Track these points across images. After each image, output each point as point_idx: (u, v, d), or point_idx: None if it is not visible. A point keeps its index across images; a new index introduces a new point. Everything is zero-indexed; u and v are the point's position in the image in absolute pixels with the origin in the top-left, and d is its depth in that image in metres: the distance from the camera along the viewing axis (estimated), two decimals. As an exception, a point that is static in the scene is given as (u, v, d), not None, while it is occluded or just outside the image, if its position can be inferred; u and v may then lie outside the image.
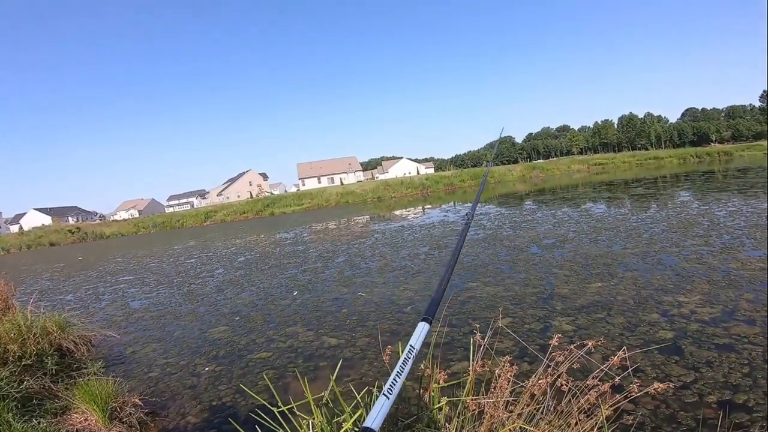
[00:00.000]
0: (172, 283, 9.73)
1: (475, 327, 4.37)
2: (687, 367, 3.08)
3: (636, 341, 3.54)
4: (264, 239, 17.33)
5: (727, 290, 4.51)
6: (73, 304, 8.46)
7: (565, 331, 3.90)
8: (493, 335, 3.94)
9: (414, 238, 11.38)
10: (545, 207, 15.50)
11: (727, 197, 12.00)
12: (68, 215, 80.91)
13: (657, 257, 6.17)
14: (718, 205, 10.67)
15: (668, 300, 4.40)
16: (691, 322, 3.81)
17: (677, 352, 3.32)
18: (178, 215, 46.57)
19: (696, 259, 5.86)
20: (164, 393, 3.87)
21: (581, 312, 4.36)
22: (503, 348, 3.66)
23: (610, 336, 3.70)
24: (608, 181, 27.31)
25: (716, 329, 3.63)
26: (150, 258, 16.17)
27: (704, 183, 18.46)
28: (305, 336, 4.85)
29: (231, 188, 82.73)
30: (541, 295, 5.08)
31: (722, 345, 3.36)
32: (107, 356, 5.11)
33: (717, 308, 4.06)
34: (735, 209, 9.67)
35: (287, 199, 44.44)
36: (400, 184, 43.20)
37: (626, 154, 64.46)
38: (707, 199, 12.16)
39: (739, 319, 3.78)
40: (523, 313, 4.53)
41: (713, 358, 3.17)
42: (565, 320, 4.18)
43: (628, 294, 4.72)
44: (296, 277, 8.25)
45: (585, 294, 4.91)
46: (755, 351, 3.20)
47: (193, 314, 6.60)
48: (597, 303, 4.57)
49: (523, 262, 6.85)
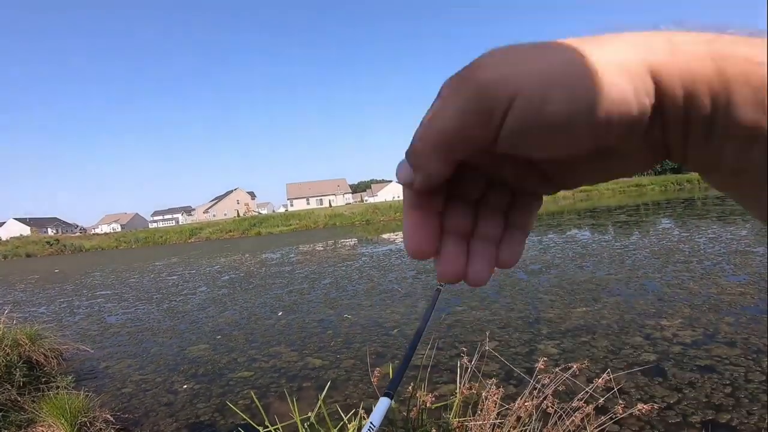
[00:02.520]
0: (151, 299, 9.50)
1: (461, 350, 4.35)
2: (670, 389, 3.12)
3: (620, 364, 3.57)
4: (250, 258, 17.11)
5: (708, 314, 4.59)
6: (46, 317, 8.24)
7: (550, 355, 3.90)
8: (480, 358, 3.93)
9: (401, 261, 11.37)
10: (531, 233, 15.65)
11: (707, 224, 12.33)
12: (48, 226, 79.04)
13: (640, 282, 6.27)
14: (698, 232, 10.95)
15: (651, 324, 4.45)
16: (673, 345, 3.86)
17: (660, 373, 3.37)
18: (162, 231, 45.82)
19: (677, 284, 5.97)
20: (138, 409, 3.75)
21: (566, 336, 4.38)
22: (489, 371, 3.64)
23: (594, 359, 3.72)
24: (592, 207, 27.86)
25: (698, 351, 3.69)
26: (130, 273, 15.79)
27: (684, 210, 18.97)
28: (289, 356, 4.75)
29: (218, 206, 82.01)
30: (527, 319, 5.09)
31: (704, 366, 3.42)
32: (79, 370, 4.97)
33: (698, 331, 4.13)
34: (714, 236, 9.92)
35: (275, 219, 44.19)
36: (389, 207, 43.38)
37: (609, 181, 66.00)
38: (688, 227, 12.47)
39: (720, 341, 3.85)
40: (509, 337, 4.53)
41: (695, 379, 3.22)
42: (551, 344, 4.20)
43: (612, 318, 4.77)
44: (281, 297, 8.13)
45: (570, 318, 4.94)
46: (737, 371, 3.26)
47: (172, 331, 6.45)
48: (582, 327, 4.60)
49: (510, 287, 6.88)
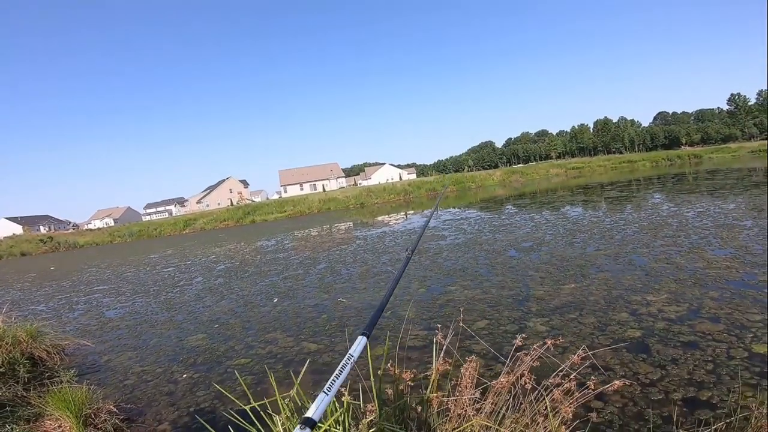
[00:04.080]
0: (148, 292, 9.53)
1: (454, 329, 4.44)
2: (654, 365, 3.19)
3: (606, 340, 3.66)
4: (245, 247, 17.12)
5: (693, 289, 4.70)
6: (45, 314, 8.26)
7: (539, 332, 4.00)
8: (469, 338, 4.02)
9: (395, 243, 11.44)
10: (524, 211, 15.80)
11: (696, 199, 12.47)
12: (40, 224, 78.30)
13: (628, 258, 6.38)
14: (687, 206, 11.08)
15: (637, 299, 4.55)
16: (658, 321, 3.95)
17: (645, 350, 3.44)
18: (156, 223, 45.55)
19: (665, 259, 6.08)
20: (140, 400, 3.84)
21: (555, 313, 4.47)
22: (479, 349, 3.73)
23: (581, 335, 3.81)
24: (585, 184, 28.00)
25: (682, 327, 3.77)
26: (126, 267, 15.78)
27: (675, 185, 19.12)
28: (285, 342, 4.83)
29: (211, 196, 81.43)
30: (517, 297, 5.19)
31: (687, 342, 3.48)
32: (81, 365, 5.04)
33: (683, 306, 4.23)
34: (703, 210, 10.06)
35: (269, 207, 44.01)
36: (383, 190, 43.31)
37: (602, 157, 66.27)
38: (677, 201, 12.60)
39: (704, 317, 3.93)
40: (499, 315, 4.63)
41: (678, 356, 3.28)
42: (540, 321, 4.29)
43: (600, 294, 4.87)
44: (277, 284, 8.19)
45: (559, 295, 5.04)
46: (719, 348, 3.32)
47: (170, 322, 6.51)
48: (570, 304, 4.70)
49: (501, 266, 6.97)
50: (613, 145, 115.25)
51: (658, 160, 50.09)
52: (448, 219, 16.27)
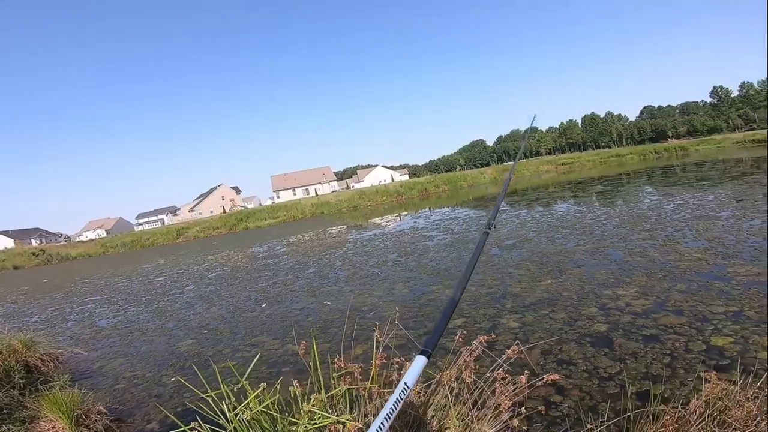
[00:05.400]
0: (140, 301, 9.64)
1: (430, 328, 4.60)
2: (614, 359, 3.30)
3: (573, 335, 3.82)
4: (237, 254, 17.19)
5: (662, 282, 4.88)
6: (39, 325, 8.42)
7: (510, 328, 4.16)
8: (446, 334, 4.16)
9: (384, 246, 11.59)
10: (512, 208, 16.01)
11: (677, 191, 12.75)
12: (31, 237, 77.71)
13: (605, 253, 6.58)
14: (667, 199, 11.33)
15: (607, 294, 4.73)
16: (624, 315, 4.12)
17: (608, 344, 3.57)
18: (148, 233, 45.36)
19: (639, 252, 6.27)
20: (130, 402, 4.03)
21: (528, 309, 4.64)
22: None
23: (550, 331, 3.97)
24: (574, 180, 28.32)
25: (646, 320, 3.92)
26: (118, 278, 15.80)
27: (662, 178, 19.46)
28: (270, 345, 4.98)
29: (203, 204, 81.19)
30: (494, 295, 5.36)
31: (649, 336, 3.60)
32: (74, 371, 5.22)
33: (650, 300, 4.39)
34: (682, 202, 10.31)
35: (262, 213, 43.99)
36: (375, 192, 43.44)
37: (590, 152, 66.94)
38: (659, 194, 12.88)
39: (668, 310, 4.08)
40: (476, 313, 4.79)
41: (638, 350, 3.39)
42: (513, 317, 4.46)
43: (573, 290, 5.05)
44: (266, 289, 8.31)
45: (535, 292, 5.22)
46: (678, 341, 3.43)
47: (161, 330, 6.68)
48: (544, 300, 4.87)
49: (483, 264, 7.14)
50: (601, 140, 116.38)
51: (645, 153, 50.67)
52: (437, 219, 16.46)
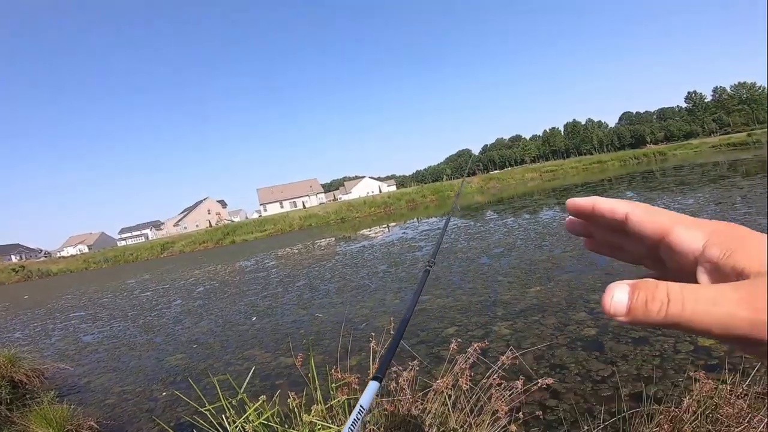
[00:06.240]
0: (126, 316, 9.48)
1: (423, 337, 4.63)
2: (605, 362, 3.38)
3: (564, 340, 3.89)
4: (225, 268, 16.98)
5: (647, 284, 4.99)
6: (22, 341, 8.30)
7: (503, 335, 4.21)
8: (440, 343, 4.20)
9: (374, 257, 11.59)
10: (499, 217, 16.20)
11: (658, 195, 13.09)
12: (11, 254, 75.65)
13: (590, 258, 6.70)
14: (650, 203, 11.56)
15: (595, 298, 4.83)
16: (612, 319, 4.20)
17: (598, 347, 3.66)
18: (132, 248, 44.52)
19: (624, 257, 6.41)
20: (121, 417, 3.97)
21: (519, 316, 4.71)
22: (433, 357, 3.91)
23: (542, 336, 4.04)
24: (559, 186, 28.81)
25: (634, 323, 4.03)
26: (102, 293, 15.46)
27: (643, 183, 19.93)
28: (262, 358, 4.94)
29: (188, 218, 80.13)
30: (485, 303, 5.41)
31: (638, 338, 3.69)
32: (61, 387, 5.13)
33: (636, 302, 4.50)
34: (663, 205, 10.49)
35: (249, 226, 43.59)
36: (363, 203, 43.46)
37: (573, 159, 68.17)
38: (640, 198, 13.13)
39: (655, 311, 4.20)
40: (468, 321, 4.83)
41: (629, 352, 3.47)
42: (504, 325, 4.51)
43: (562, 295, 5.13)
44: (256, 303, 8.23)
45: (525, 299, 5.29)
46: (667, 342, 3.52)
47: (149, 344, 6.60)
48: (534, 306, 4.94)
49: (473, 273, 7.21)
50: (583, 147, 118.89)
51: (626, 159, 51.85)
52: (425, 229, 16.55)
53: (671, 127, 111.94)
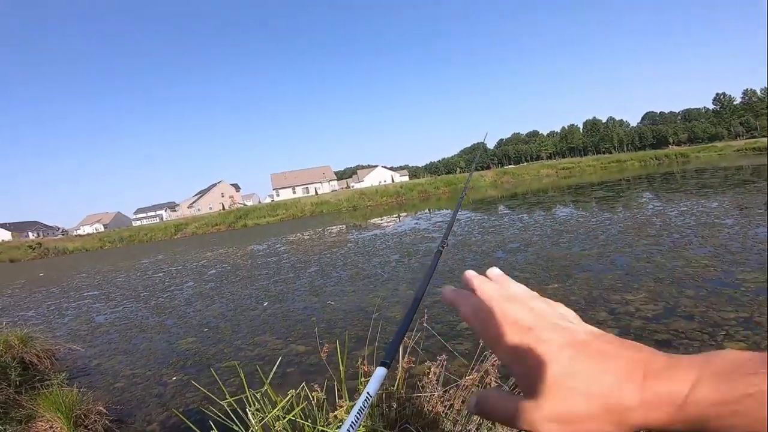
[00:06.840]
0: (138, 297, 9.55)
1: (438, 330, 4.54)
2: None
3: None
4: (236, 251, 17.11)
5: (671, 287, 4.83)
6: (35, 320, 8.30)
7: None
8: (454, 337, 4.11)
9: (386, 246, 11.53)
10: (513, 212, 15.97)
11: (680, 198, 12.72)
12: (28, 230, 77.55)
13: (610, 258, 6.53)
14: (671, 205, 11.30)
15: (616, 298, 4.68)
16: (635, 319, 4.08)
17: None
18: (146, 228, 45.22)
19: (645, 258, 6.22)
20: (130, 401, 3.94)
21: (537, 313, 4.58)
22: (462, 349, 3.83)
23: (561, 334, 3.91)
24: (575, 184, 28.32)
25: (657, 325, 3.89)
26: (116, 273, 15.70)
27: (662, 184, 19.44)
28: (274, 344, 4.91)
29: (202, 200, 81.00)
30: (501, 298, 5.29)
31: (661, 341, 3.57)
32: (72, 368, 5.12)
33: (660, 305, 4.35)
34: (686, 209, 10.27)
35: (261, 210, 43.88)
36: (375, 192, 43.38)
37: (591, 157, 66.95)
38: (662, 200, 12.84)
39: (679, 315, 4.06)
40: (483, 316, 4.72)
41: None
42: (522, 321, 4.39)
43: (581, 294, 4.99)
44: (267, 288, 8.24)
45: (542, 295, 5.14)
46: (692, 346, 3.42)
47: (160, 327, 6.59)
48: (552, 304, 4.81)
49: (487, 267, 7.06)
50: (602, 145, 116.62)
51: (646, 159, 50.75)
52: (437, 221, 16.41)
53: (696, 129, 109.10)
